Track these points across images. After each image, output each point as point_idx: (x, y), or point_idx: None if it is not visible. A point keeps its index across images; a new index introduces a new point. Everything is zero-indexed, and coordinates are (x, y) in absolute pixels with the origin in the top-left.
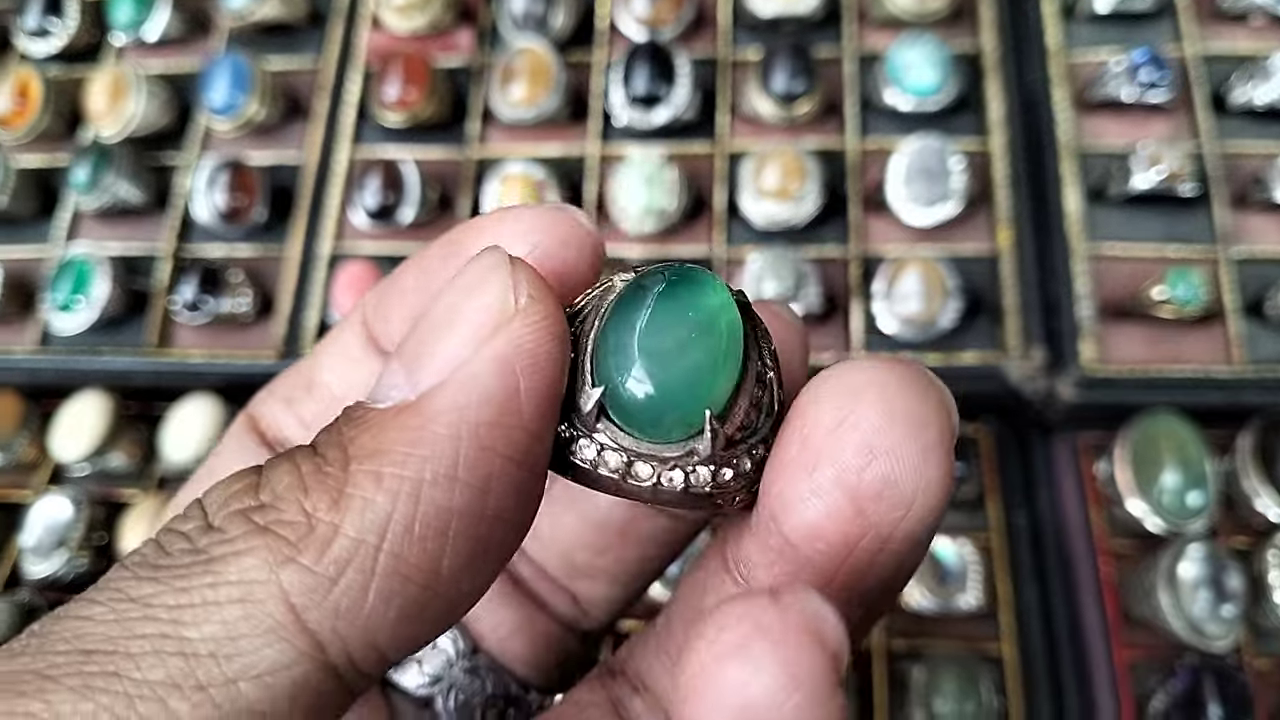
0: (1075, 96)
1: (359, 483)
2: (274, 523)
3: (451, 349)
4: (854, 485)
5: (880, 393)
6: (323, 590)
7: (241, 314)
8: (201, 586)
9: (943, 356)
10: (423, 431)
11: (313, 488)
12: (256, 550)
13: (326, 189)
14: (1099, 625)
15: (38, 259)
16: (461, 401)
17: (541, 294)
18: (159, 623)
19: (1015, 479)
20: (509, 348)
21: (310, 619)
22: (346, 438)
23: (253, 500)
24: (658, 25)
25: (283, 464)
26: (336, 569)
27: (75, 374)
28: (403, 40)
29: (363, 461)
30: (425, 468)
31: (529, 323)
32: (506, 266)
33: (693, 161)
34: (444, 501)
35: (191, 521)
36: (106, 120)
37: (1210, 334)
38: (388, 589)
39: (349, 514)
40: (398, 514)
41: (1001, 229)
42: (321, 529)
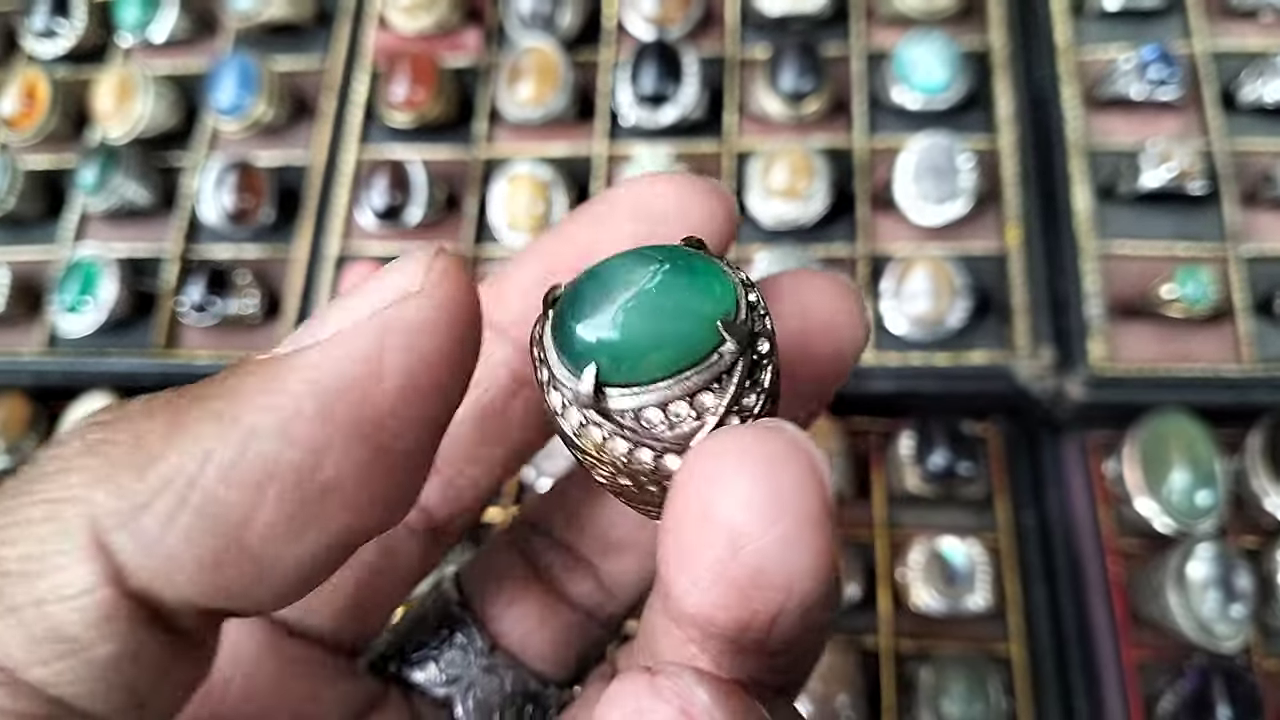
0: (1084, 94)
1: (200, 417)
2: (103, 441)
3: (341, 314)
4: (728, 576)
5: (738, 480)
6: (129, 512)
7: (249, 315)
8: (26, 504)
9: (951, 356)
10: (274, 382)
11: (158, 413)
12: (78, 469)
13: (334, 189)
14: (1107, 625)
15: (45, 260)
16: (317, 360)
17: (453, 283)
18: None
19: (1024, 478)
20: (390, 321)
21: (113, 540)
22: (216, 377)
23: (98, 424)
24: (665, 24)
25: (144, 397)
26: (149, 493)
27: (83, 376)
28: (409, 40)
29: (213, 399)
30: (261, 417)
31: (422, 301)
32: (431, 253)
33: (700, 160)
34: (268, 453)
35: (47, 449)
36: (114, 121)
37: (1220, 333)
38: (196, 526)
39: (176, 441)
40: (220, 454)
41: (1010, 227)
42: (147, 450)
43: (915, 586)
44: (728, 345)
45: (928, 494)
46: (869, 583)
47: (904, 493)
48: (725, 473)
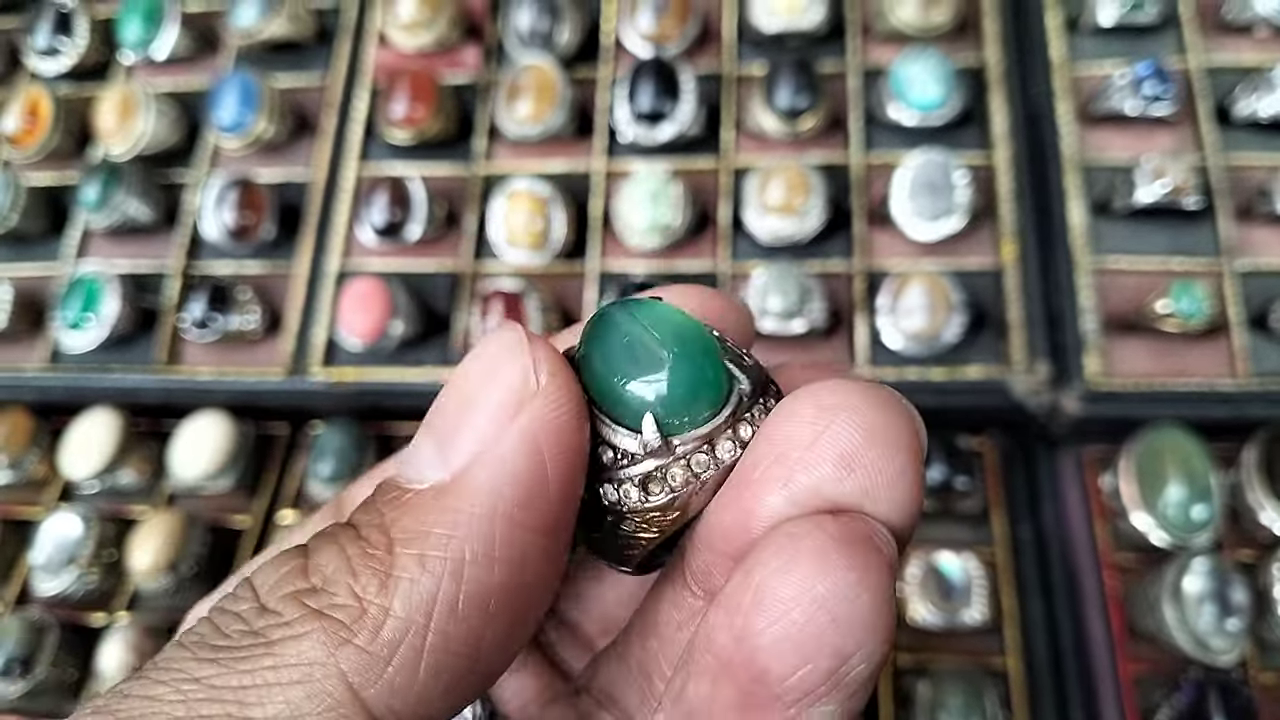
0: (1079, 110)
1: (404, 565)
2: (328, 606)
3: (479, 428)
4: (832, 497)
5: (856, 412)
6: (378, 669)
7: (250, 331)
8: (263, 669)
9: (947, 371)
10: (460, 514)
11: (360, 570)
12: (314, 633)
13: (334, 206)
14: (1104, 639)
15: (48, 277)
16: (495, 482)
17: (559, 370)
18: (224, 704)
19: (1020, 493)
20: (534, 425)
21: (368, 696)
22: (388, 520)
23: (304, 583)
24: (662, 41)
25: (329, 545)
26: (389, 649)
27: (85, 391)
28: (409, 57)
29: (406, 544)
30: (465, 548)
31: (550, 400)
32: (526, 345)
33: (697, 177)
34: (484, 579)
35: (244, 603)
36: (116, 138)
37: (1215, 347)
38: (436, 664)
39: (397, 596)
40: (443, 594)
41: (1006, 243)
42: (373, 611)
43: (912, 600)
44: (741, 382)
45: (924, 508)
46: None
47: None
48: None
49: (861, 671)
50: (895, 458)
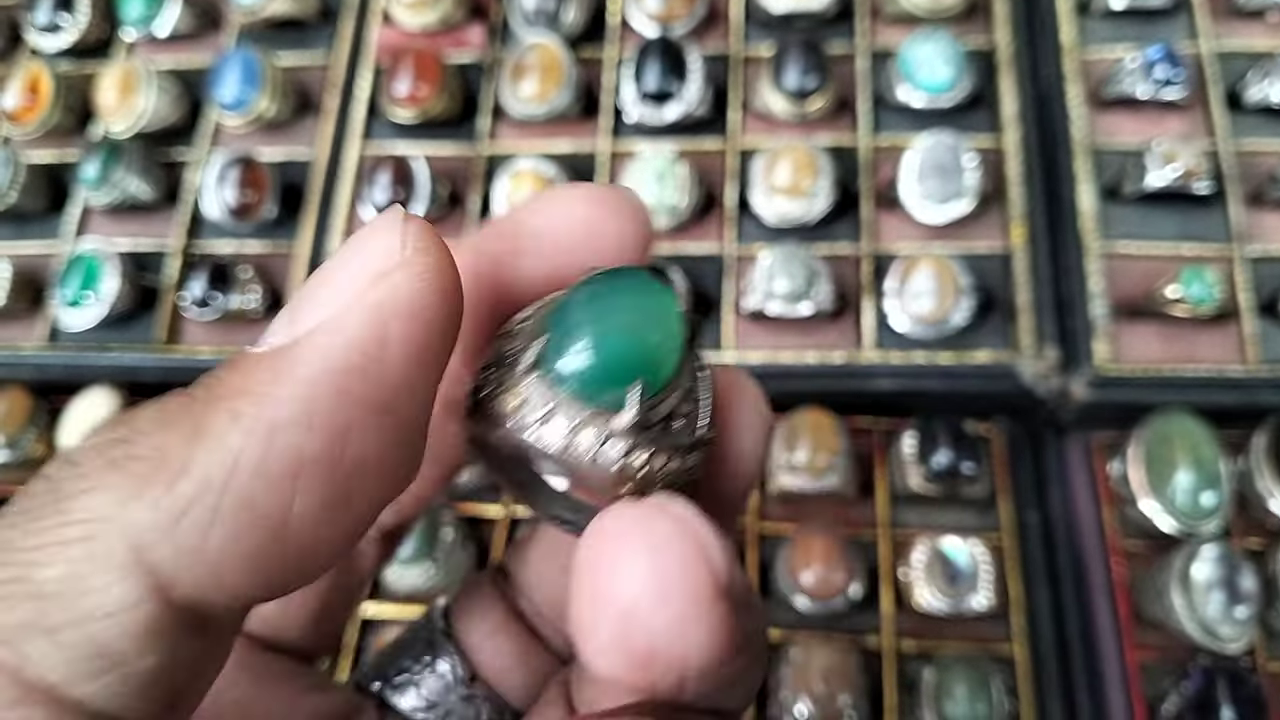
0: (1089, 93)
1: (215, 419)
2: (126, 456)
3: (329, 295)
4: (627, 650)
5: (628, 562)
6: (167, 526)
7: (251, 310)
8: (53, 526)
9: (955, 355)
10: (282, 373)
11: (172, 423)
12: (106, 487)
13: (337, 185)
14: (1111, 626)
15: (47, 255)
16: (325, 344)
17: (430, 247)
18: (14, 566)
19: (1027, 478)
20: (381, 295)
21: (154, 555)
22: (219, 377)
23: (110, 434)
24: (669, 21)
25: (154, 403)
26: (184, 504)
27: (84, 370)
28: (413, 36)
29: (224, 399)
30: (281, 409)
31: (410, 273)
32: (398, 221)
33: (704, 158)
34: (296, 443)
35: (58, 461)
36: (117, 116)
37: (1224, 333)
38: (234, 528)
39: (200, 449)
40: (247, 452)
41: (1015, 227)
42: (172, 464)
43: (918, 586)
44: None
45: (930, 493)
46: (871, 582)
47: (907, 492)
48: (617, 553)
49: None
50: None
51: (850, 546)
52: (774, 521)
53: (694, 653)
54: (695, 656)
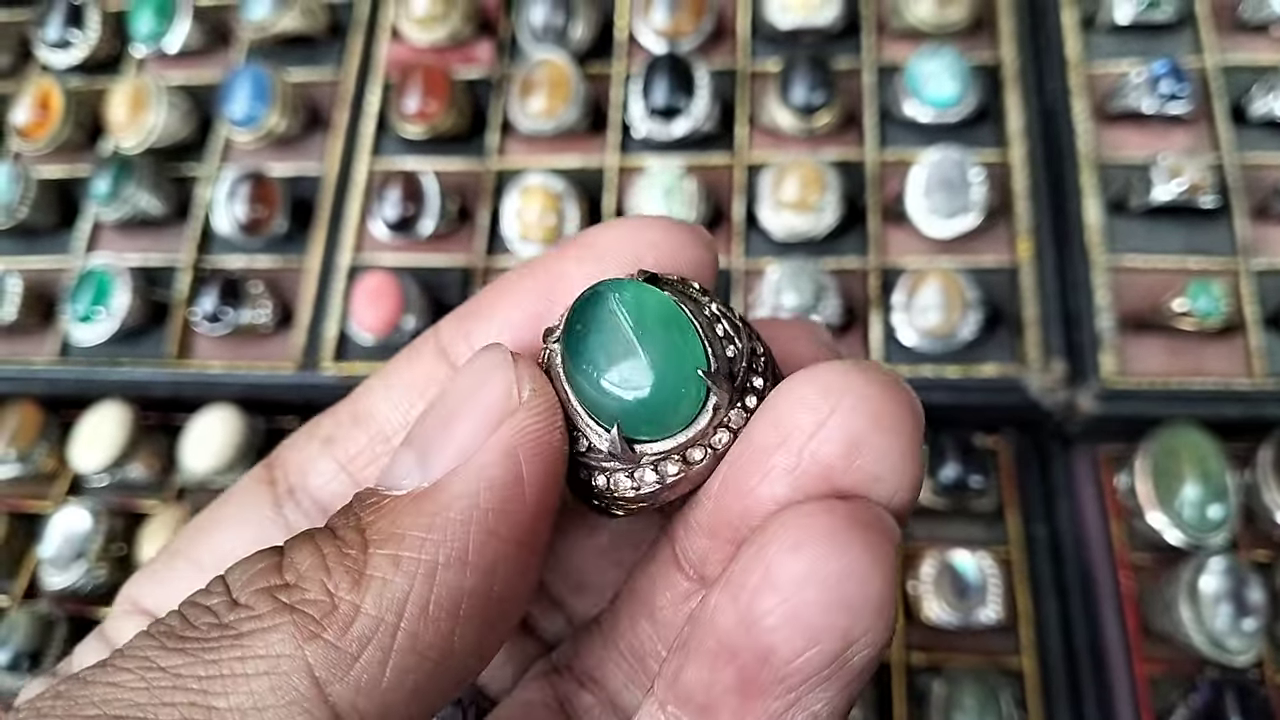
0: (1095, 108)
1: (378, 565)
2: (300, 601)
3: (461, 438)
4: (839, 482)
5: (860, 397)
6: (345, 665)
7: (261, 325)
8: (230, 659)
9: (962, 368)
10: (436, 518)
11: (334, 568)
12: (283, 626)
13: (346, 200)
14: (1119, 639)
15: (58, 270)
16: (472, 489)
17: (542, 386)
18: (188, 692)
19: (1035, 491)
20: (515, 438)
21: (333, 693)
22: (364, 522)
23: (277, 579)
24: (677, 37)
25: (305, 545)
26: (358, 646)
27: (95, 385)
28: (422, 52)
29: (381, 545)
30: (439, 551)
31: (532, 414)
32: (510, 362)
33: (712, 173)
34: (456, 583)
35: (216, 597)
36: (127, 131)
37: (1231, 346)
38: (404, 665)
39: (369, 594)
40: (414, 594)
41: (1021, 241)
42: (344, 607)
43: (927, 599)
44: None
45: (939, 506)
46: None
47: (915, 505)
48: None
49: (864, 657)
50: (898, 442)
51: None
52: None
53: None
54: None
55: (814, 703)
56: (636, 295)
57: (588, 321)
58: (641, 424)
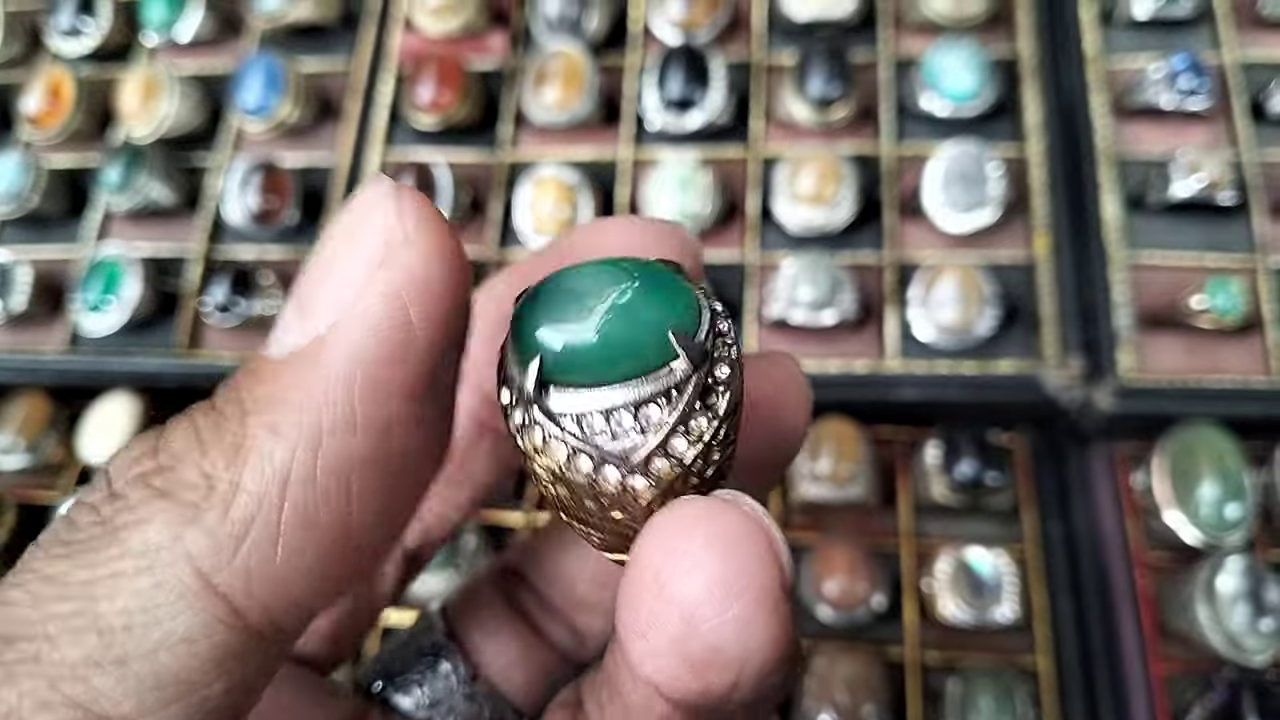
0: (1113, 103)
1: (256, 435)
2: (173, 484)
3: (339, 287)
4: (684, 652)
5: (698, 555)
6: (229, 550)
7: (272, 316)
8: (110, 559)
9: (979, 364)
10: (315, 377)
11: (210, 445)
12: (158, 515)
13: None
14: (1135, 638)
15: (68, 259)
16: (354, 342)
17: (431, 221)
18: (73, 600)
19: (1051, 489)
20: (397, 279)
21: (220, 581)
22: (244, 390)
23: (151, 464)
24: (692, 28)
25: (181, 423)
26: (241, 527)
27: (104, 375)
28: (435, 43)
29: (259, 413)
30: (322, 415)
31: (418, 251)
32: (392, 194)
33: (726, 166)
34: (343, 449)
35: (98, 492)
36: (138, 121)
37: (1249, 344)
38: (296, 544)
39: (248, 469)
40: (297, 465)
41: (1039, 236)
42: (221, 487)
43: (942, 597)
44: (679, 362)
45: (954, 504)
46: (894, 593)
47: (930, 502)
48: (682, 549)
49: None
50: (735, 605)
51: (873, 557)
52: (796, 531)
53: (754, 655)
54: (754, 659)
55: None
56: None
57: (568, 276)
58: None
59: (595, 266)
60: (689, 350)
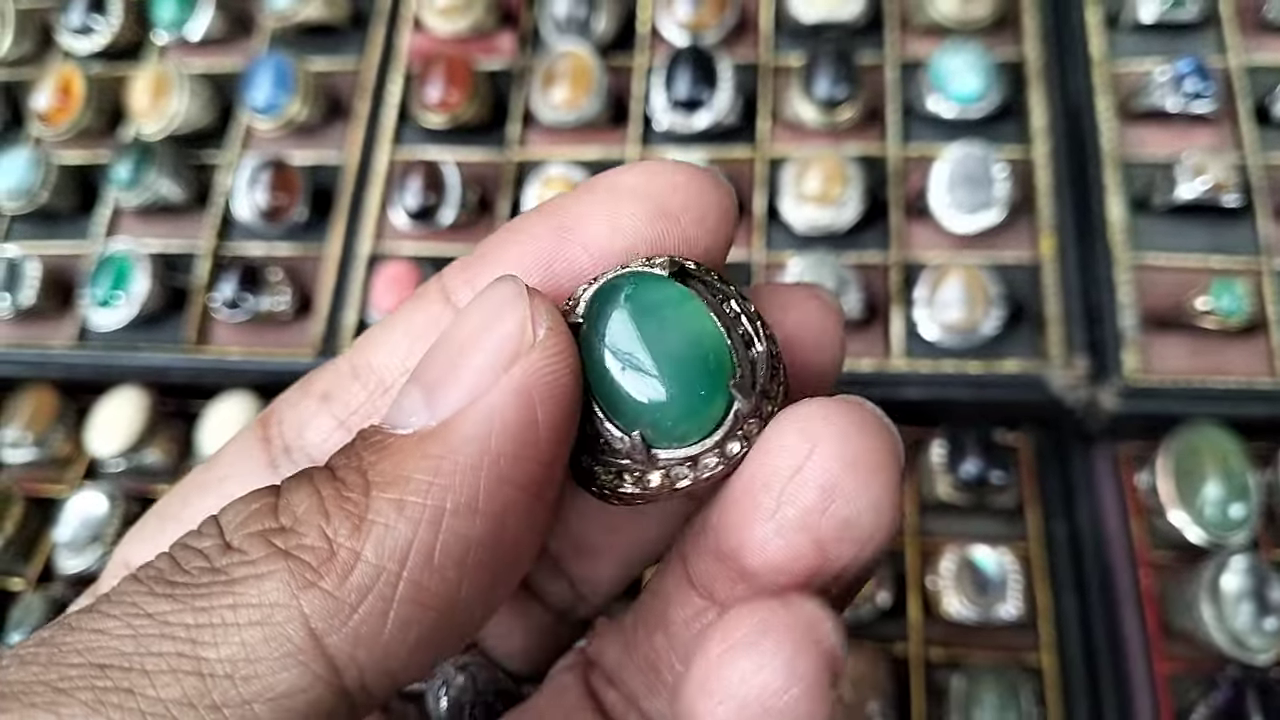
0: (1119, 106)
1: (381, 509)
2: (295, 547)
3: (471, 376)
4: (816, 527)
5: (838, 437)
6: (343, 615)
7: (280, 312)
8: (221, 607)
9: (984, 365)
10: (444, 460)
11: (333, 512)
12: (278, 573)
13: (367, 189)
14: (1139, 637)
15: (77, 255)
16: (483, 432)
17: (558, 325)
18: (176, 641)
19: (1055, 489)
20: (528, 378)
21: (329, 644)
22: (366, 463)
23: (273, 523)
24: (700, 29)
25: (302, 486)
26: (357, 595)
27: (113, 370)
28: (444, 42)
29: (384, 488)
30: (447, 497)
31: (547, 354)
32: (525, 297)
33: (733, 166)
34: (464, 531)
35: (208, 539)
36: (148, 118)
37: (1254, 345)
38: (406, 616)
39: (370, 540)
40: (419, 542)
41: (1044, 237)
42: (343, 554)
43: (946, 594)
44: (739, 405)
45: (959, 502)
46: (899, 590)
47: (935, 500)
48: (823, 434)
49: None
50: (873, 487)
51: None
52: None
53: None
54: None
55: None
56: (662, 293)
57: (609, 313)
58: (658, 430)
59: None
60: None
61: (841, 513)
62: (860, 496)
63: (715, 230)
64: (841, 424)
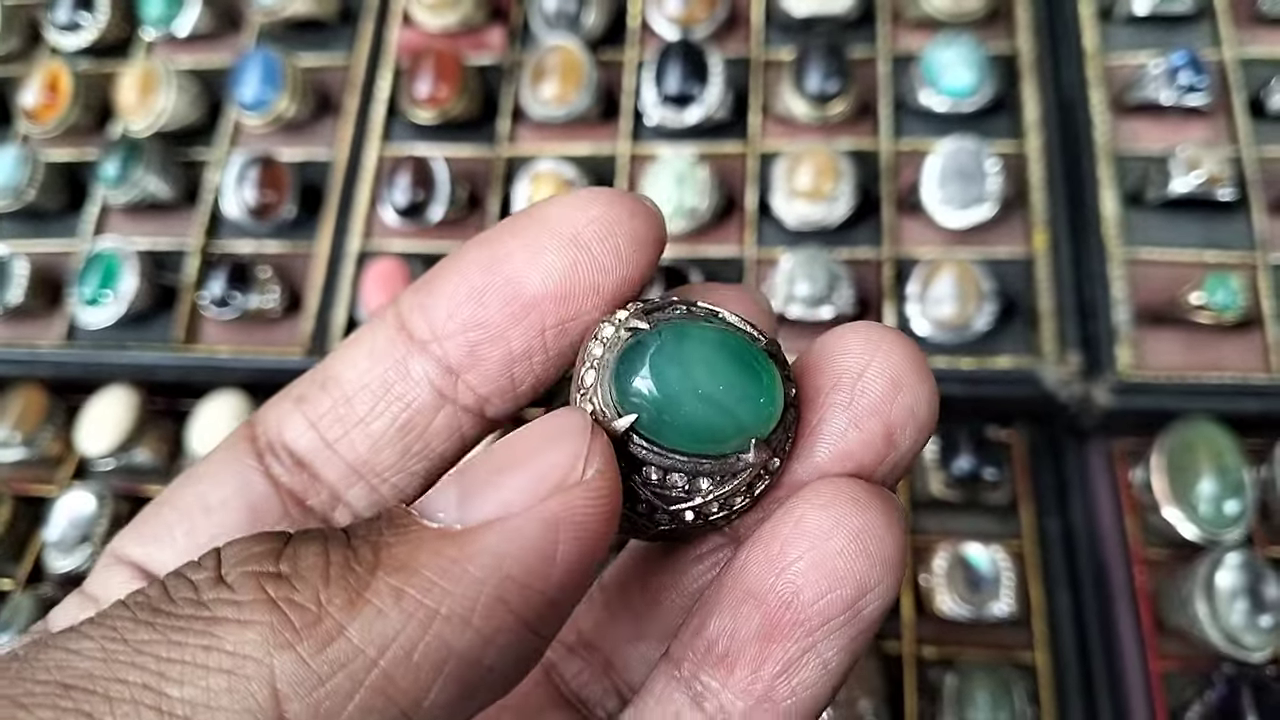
0: (1112, 99)
1: (380, 592)
2: (285, 600)
3: (509, 493)
4: (887, 413)
5: (895, 341)
6: (310, 684)
7: (269, 310)
8: (195, 646)
9: (977, 360)
10: (454, 565)
11: (335, 579)
12: (259, 625)
13: (356, 186)
14: (1133, 634)
15: (65, 253)
16: (500, 550)
17: (608, 470)
18: (144, 672)
19: (1049, 485)
20: (561, 513)
21: (289, 710)
22: (383, 541)
23: (272, 566)
24: (690, 24)
25: (313, 542)
26: (330, 668)
27: (102, 368)
28: (434, 37)
29: (391, 572)
30: (444, 601)
31: (588, 495)
32: (587, 433)
33: (724, 161)
34: (449, 639)
35: (204, 571)
36: (136, 115)
37: (1248, 340)
38: (368, 704)
39: (359, 619)
40: (403, 636)
41: (1037, 232)
42: (328, 623)
43: (939, 592)
44: (749, 456)
45: (951, 499)
46: None
47: (928, 497)
48: (882, 340)
49: (875, 608)
50: (927, 385)
51: None
52: None
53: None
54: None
55: (827, 649)
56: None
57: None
58: (700, 469)
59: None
60: (760, 452)
61: (907, 400)
62: (920, 386)
63: (630, 260)
64: (891, 335)
